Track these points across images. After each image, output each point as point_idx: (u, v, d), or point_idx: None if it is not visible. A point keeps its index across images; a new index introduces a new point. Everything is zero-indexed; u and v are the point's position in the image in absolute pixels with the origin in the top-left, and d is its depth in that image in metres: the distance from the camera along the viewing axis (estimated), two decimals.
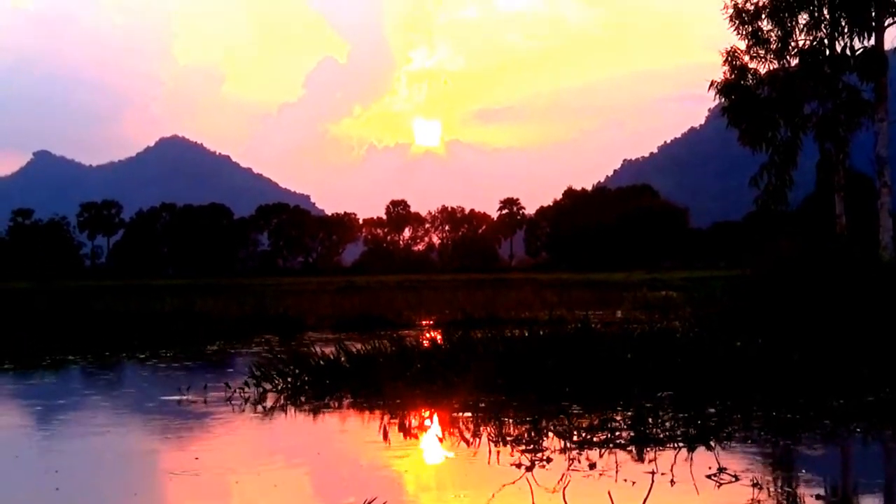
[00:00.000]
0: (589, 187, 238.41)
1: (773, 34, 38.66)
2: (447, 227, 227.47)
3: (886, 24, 36.45)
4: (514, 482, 10.47)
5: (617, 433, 13.08)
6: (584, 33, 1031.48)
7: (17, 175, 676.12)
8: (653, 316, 33.59)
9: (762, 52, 38.90)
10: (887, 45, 36.61)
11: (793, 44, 38.45)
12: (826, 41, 37.87)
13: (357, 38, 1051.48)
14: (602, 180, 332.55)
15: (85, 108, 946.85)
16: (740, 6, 39.06)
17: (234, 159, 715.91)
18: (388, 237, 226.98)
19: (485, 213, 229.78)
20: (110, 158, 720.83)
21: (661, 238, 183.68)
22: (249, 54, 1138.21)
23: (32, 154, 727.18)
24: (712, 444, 12.27)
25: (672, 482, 10.50)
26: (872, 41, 36.64)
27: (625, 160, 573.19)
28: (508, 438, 12.99)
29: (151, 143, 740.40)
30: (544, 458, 11.74)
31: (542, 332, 20.85)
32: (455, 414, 15.02)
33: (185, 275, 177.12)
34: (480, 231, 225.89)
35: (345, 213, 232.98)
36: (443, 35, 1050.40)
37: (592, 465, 11.35)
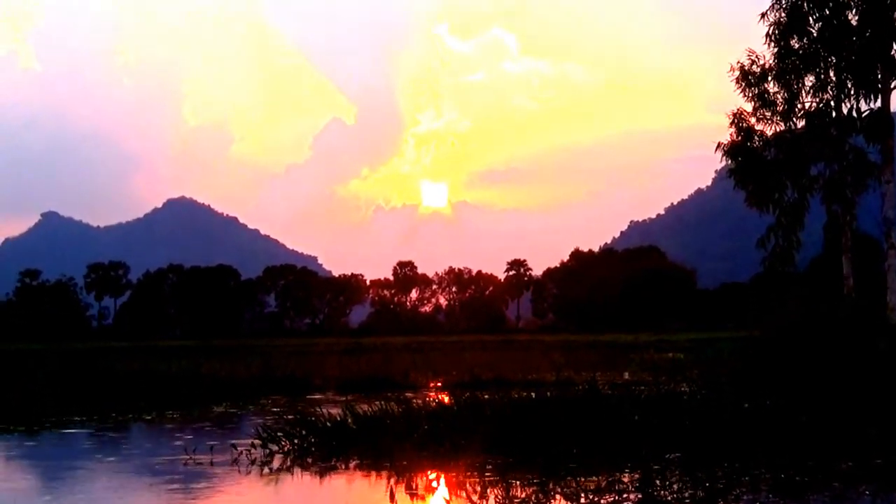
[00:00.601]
0: (596, 249, 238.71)
1: (779, 96, 38.74)
2: (454, 289, 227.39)
3: (893, 86, 36.57)
4: None
5: (625, 495, 13.03)
6: (590, 95, 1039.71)
7: (24, 236, 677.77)
8: (660, 377, 33.50)
9: (768, 113, 38.95)
10: (893, 107, 36.72)
11: (799, 106, 38.53)
12: (832, 103, 37.96)
13: (364, 100, 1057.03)
14: (609, 242, 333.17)
15: (93, 168, 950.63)
16: (746, 68, 39.17)
17: (241, 220, 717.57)
18: (396, 298, 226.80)
19: (492, 274, 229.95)
20: (118, 219, 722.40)
21: (669, 299, 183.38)
22: (257, 116, 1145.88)
23: (40, 215, 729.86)
24: None
25: None
26: (879, 103, 36.74)
27: (632, 221, 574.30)
28: (516, 500, 12.94)
29: (159, 204, 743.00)
30: None
31: (549, 394, 20.83)
32: (462, 476, 14.96)
33: (192, 336, 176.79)
34: (487, 292, 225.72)
35: (352, 274, 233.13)
36: (450, 97, 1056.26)
37: None
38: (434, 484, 14.69)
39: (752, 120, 39.48)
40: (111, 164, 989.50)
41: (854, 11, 37.55)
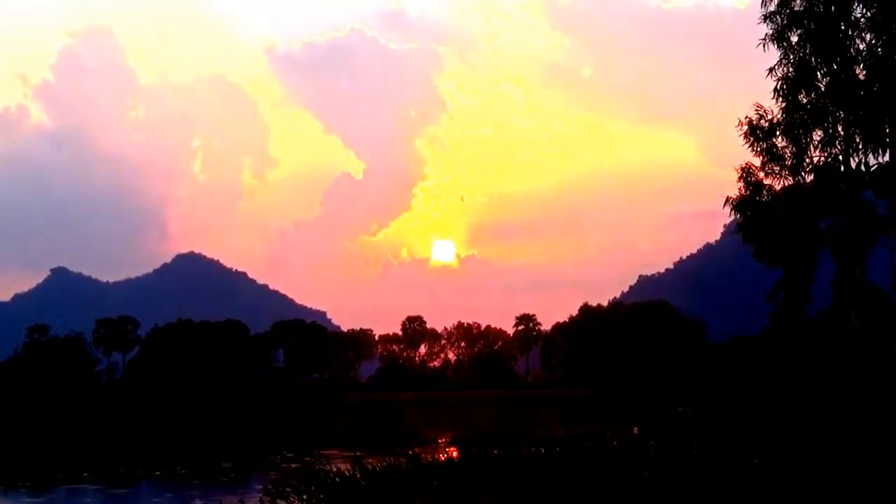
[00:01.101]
0: (605, 303, 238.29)
1: (787, 150, 38.76)
2: (463, 344, 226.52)
3: None
4: None
5: None
6: (599, 151, 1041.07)
7: (33, 292, 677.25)
8: (669, 432, 33.33)
9: (777, 168, 38.95)
10: None
11: (807, 160, 38.56)
12: (841, 157, 37.99)
13: (373, 155, 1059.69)
14: (618, 296, 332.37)
15: (103, 224, 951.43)
16: (755, 123, 39.25)
17: (250, 276, 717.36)
18: (404, 353, 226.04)
19: (501, 328, 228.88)
20: (127, 275, 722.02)
21: (678, 353, 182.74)
22: (266, 172, 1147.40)
23: (50, 270, 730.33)
24: None
25: None
26: (887, 157, 36.78)
27: (641, 276, 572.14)
28: None
29: (168, 260, 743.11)
30: None
31: (558, 449, 20.74)
32: None
33: (201, 391, 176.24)
34: (496, 347, 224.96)
35: (361, 329, 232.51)
36: (458, 152, 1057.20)
37: None
38: None
39: (761, 174, 39.52)
40: (121, 220, 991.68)
41: (862, 66, 37.69)
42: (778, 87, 38.71)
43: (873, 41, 36.96)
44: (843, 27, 38.00)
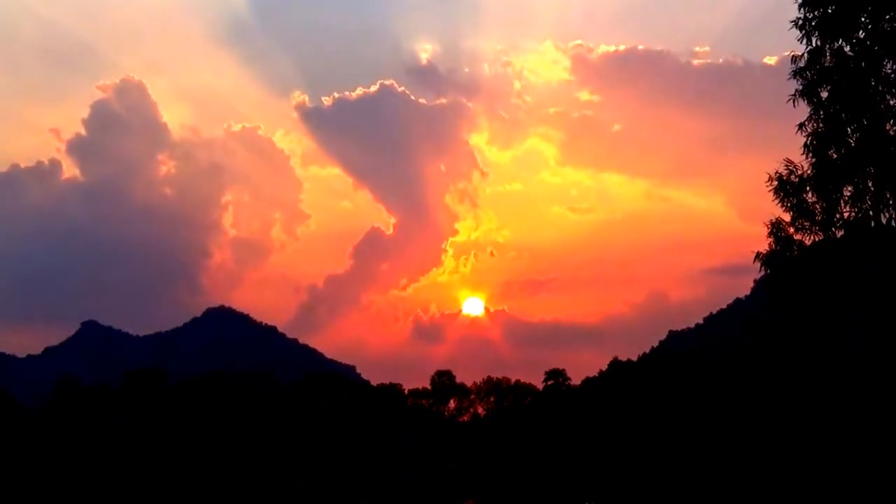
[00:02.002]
0: (635, 358, 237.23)
1: (817, 206, 38.88)
2: (492, 399, 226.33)
3: None
4: None
5: None
6: (628, 206, 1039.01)
7: (63, 345, 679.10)
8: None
9: (807, 223, 39.06)
10: None
11: (838, 215, 38.63)
12: (871, 213, 38.02)
13: (403, 210, 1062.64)
14: (648, 351, 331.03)
15: (134, 277, 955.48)
16: (785, 178, 39.40)
17: (280, 330, 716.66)
18: (433, 408, 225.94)
19: (530, 383, 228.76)
20: (158, 328, 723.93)
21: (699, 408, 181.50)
22: (297, 226, 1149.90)
23: (80, 323, 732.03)
24: None
25: None
26: None
27: (670, 331, 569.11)
28: None
29: (198, 314, 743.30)
30: None
31: None
32: None
33: (230, 443, 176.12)
34: (526, 402, 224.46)
35: (390, 383, 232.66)
36: (488, 207, 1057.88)
37: None
38: None
39: (791, 229, 39.59)
40: (151, 273, 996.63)
41: (892, 122, 37.82)
42: (808, 142, 38.93)
43: None
44: (872, 83, 38.23)
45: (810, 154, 38.94)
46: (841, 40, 38.95)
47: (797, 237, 39.61)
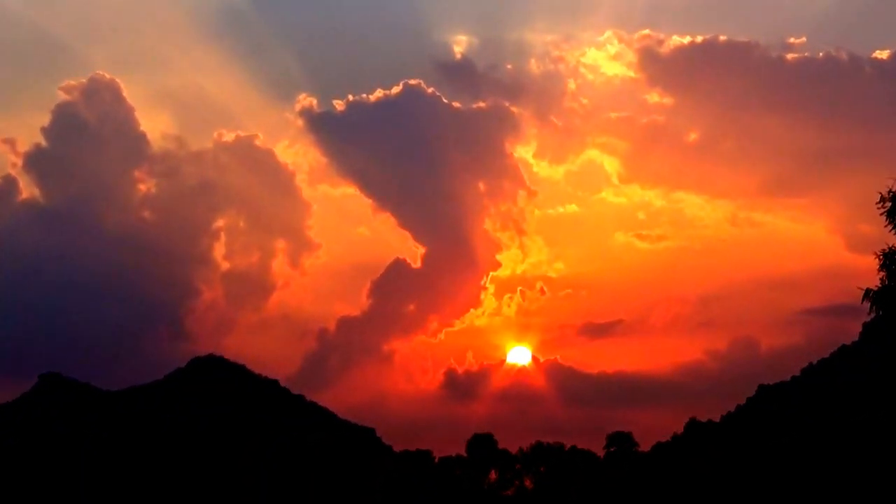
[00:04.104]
0: (717, 419, 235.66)
1: None
2: (542, 469, 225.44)
3: None
4: None
5: None
6: (708, 232, 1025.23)
7: (19, 402, 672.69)
8: None
9: None
10: None
11: None
12: None
13: (434, 238, 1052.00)
14: (733, 410, 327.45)
15: (103, 320, 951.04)
16: None
17: (282, 384, 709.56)
18: (471, 480, 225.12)
19: (589, 449, 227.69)
20: (132, 381, 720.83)
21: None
22: (304, 258, 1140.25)
23: (38, 377, 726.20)
24: None
25: None
26: None
27: (760, 385, 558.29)
28: None
29: (182, 364, 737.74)
30: None
31: None
32: None
33: None
34: (583, 473, 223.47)
35: (417, 450, 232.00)
36: (537, 234, 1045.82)
37: None
38: None
39: None
40: (126, 315, 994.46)
41: None
42: None
43: None
44: None
45: None
46: None
47: None
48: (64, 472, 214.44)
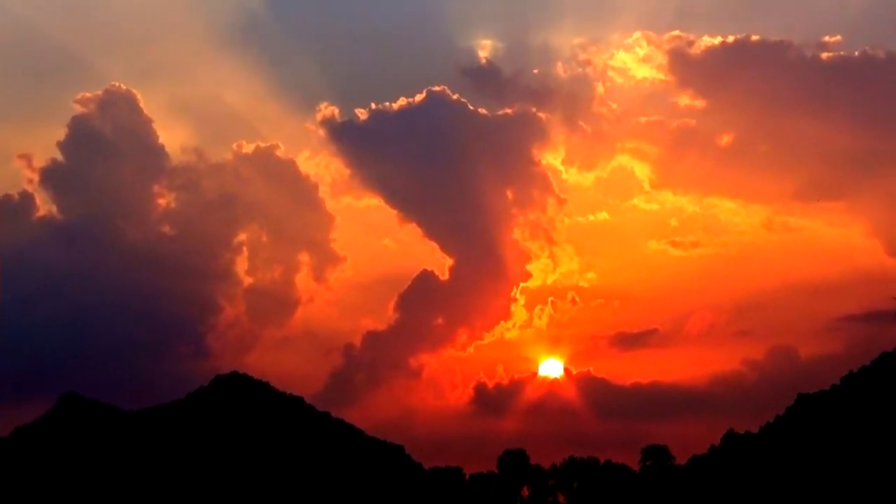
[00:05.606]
0: (755, 430, 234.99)
1: None
2: (575, 484, 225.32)
3: None
4: None
5: None
6: (743, 238, 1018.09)
7: (38, 424, 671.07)
8: None
9: None
10: None
11: None
12: None
13: (461, 249, 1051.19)
14: (771, 421, 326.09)
15: (123, 339, 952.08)
16: None
17: (308, 401, 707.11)
18: (502, 496, 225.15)
19: (623, 463, 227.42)
20: (153, 401, 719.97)
21: None
22: (328, 271, 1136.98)
23: (58, 398, 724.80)
24: None
25: None
26: None
27: (799, 395, 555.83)
28: None
29: (205, 382, 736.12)
30: None
31: None
32: None
33: None
34: (618, 487, 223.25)
35: (447, 467, 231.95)
36: (568, 243, 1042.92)
37: None
38: None
39: None
40: (146, 333, 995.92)
41: None
42: None
43: None
44: None
45: None
46: None
47: None
48: (86, 494, 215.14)
